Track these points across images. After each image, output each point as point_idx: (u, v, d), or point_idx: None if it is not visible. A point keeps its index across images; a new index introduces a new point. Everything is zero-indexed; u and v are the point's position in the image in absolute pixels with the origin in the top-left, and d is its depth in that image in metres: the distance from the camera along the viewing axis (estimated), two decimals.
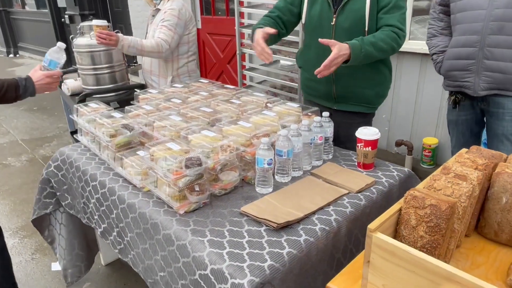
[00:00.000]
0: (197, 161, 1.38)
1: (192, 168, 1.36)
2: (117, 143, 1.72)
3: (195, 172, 1.38)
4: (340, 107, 2.04)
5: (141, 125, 1.80)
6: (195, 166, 1.37)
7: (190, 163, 1.37)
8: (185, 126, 1.69)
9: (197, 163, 1.38)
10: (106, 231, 1.69)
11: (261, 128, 1.64)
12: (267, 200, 1.44)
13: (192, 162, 1.37)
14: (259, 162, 1.47)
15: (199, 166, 1.38)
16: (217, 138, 1.55)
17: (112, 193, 1.60)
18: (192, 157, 1.39)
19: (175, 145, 1.47)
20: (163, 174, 1.39)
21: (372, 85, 1.95)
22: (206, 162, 1.40)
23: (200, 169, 1.38)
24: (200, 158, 1.40)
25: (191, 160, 1.38)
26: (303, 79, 2.18)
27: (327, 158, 1.78)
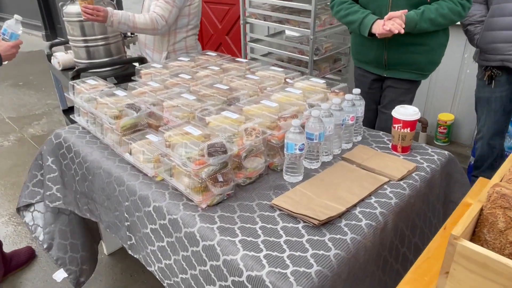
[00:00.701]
0: (221, 148, 1.20)
1: (217, 157, 1.18)
2: (123, 126, 1.52)
3: (220, 161, 1.19)
4: (390, 74, 1.98)
5: (148, 104, 1.59)
6: (219, 154, 1.19)
7: (213, 151, 1.18)
8: (199, 106, 1.49)
9: (221, 150, 1.19)
10: (113, 225, 1.51)
11: (287, 108, 1.45)
12: (300, 191, 1.27)
13: (215, 150, 1.19)
14: (289, 148, 1.29)
15: (224, 154, 1.19)
16: (240, 120, 1.36)
17: (120, 183, 1.41)
18: (216, 144, 1.20)
19: (194, 129, 1.27)
20: (182, 163, 1.20)
21: (425, 51, 1.85)
22: (231, 149, 1.22)
23: (225, 157, 1.20)
24: (224, 145, 1.21)
25: (214, 147, 1.19)
26: (354, 44, 2.14)
27: (356, 141, 1.61)
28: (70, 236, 1.93)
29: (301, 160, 1.33)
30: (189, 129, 1.27)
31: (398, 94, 2.01)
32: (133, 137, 1.49)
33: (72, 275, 1.95)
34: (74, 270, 1.95)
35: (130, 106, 1.55)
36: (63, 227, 1.90)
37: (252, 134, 1.30)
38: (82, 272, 1.99)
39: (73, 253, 1.94)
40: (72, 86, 1.78)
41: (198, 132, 1.26)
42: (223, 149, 1.20)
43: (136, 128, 1.55)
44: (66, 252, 1.92)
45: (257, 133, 1.31)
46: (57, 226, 1.88)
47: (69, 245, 1.93)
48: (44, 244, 1.88)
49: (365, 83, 2.13)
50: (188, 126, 1.29)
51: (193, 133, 1.25)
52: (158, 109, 1.55)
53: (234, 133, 1.29)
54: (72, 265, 1.95)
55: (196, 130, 1.27)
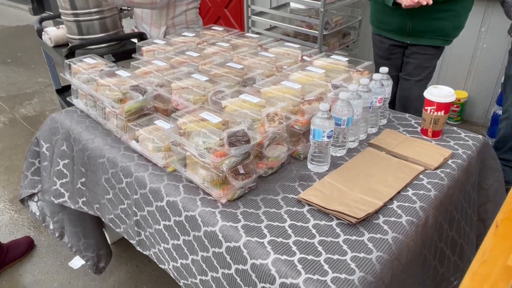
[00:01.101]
0: (243, 136, 1.07)
1: (239, 147, 1.05)
2: (127, 110, 1.37)
3: (242, 152, 1.06)
4: (414, 41, 1.93)
5: (154, 86, 1.44)
6: (241, 144, 1.06)
7: (235, 140, 1.05)
8: (212, 87, 1.35)
9: (243, 139, 1.06)
10: (118, 219, 1.39)
11: (310, 90, 1.31)
12: (329, 182, 1.15)
13: (237, 139, 1.05)
14: (316, 135, 1.17)
15: (247, 144, 1.06)
16: (261, 104, 1.22)
17: (127, 174, 1.28)
18: (237, 132, 1.07)
19: (211, 115, 1.13)
20: (199, 154, 1.07)
21: (451, 16, 1.82)
22: (254, 138, 1.09)
23: (247, 148, 1.07)
24: (246, 133, 1.08)
25: (235, 136, 1.06)
26: (374, 12, 2.06)
27: (382, 124, 1.48)
28: (80, 223, 1.80)
29: (328, 148, 1.21)
30: (206, 115, 1.13)
31: (423, 60, 1.95)
32: (140, 123, 1.35)
33: (90, 261, 1.83)
34: (91, 256, 1.83)
35: (134, 88, 1.39)
36: (71, 215, 1.77)
37: (275, 120, 1.17)
38: (100, 258, 1.87)
39: (87, 239, 1.81)
40: (68, 65, 1.62)
41: (216, 119, 1.12)
42: (245, 138, 1.07)
43: (142, 113, 1.41)
44: (79, 239, 1.79)
45: (280, 118, 1.18)
46: (65, 214, 1.75)
47: (81, 231, 1.80)
48: (55, 233, 1.76)
49: (385, 49, 2.04)
50: (205, 112, 1.14)
51: (210, 120, 1.11)
52: (166, 91, 1.40)
53: (255, 119, 1.15)
54: (88, 252, 1.82)
55: (213, 116, 1.13)
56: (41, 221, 1.74)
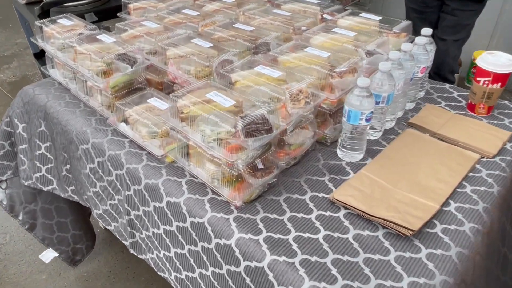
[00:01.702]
0: (263, 124, 0.83)
1: (259, 137, 0.81)
2: (113, 85, 1.12)
3: (263, 144, 0.83)
4: None
5: (146, 54, 1.18)
6: (261, 134, 0.82)
7: (254, 129, 0.81)
8: (218, 56, 1.09)
9: (264, 127, 0.82)
10: (107, 215, 1.18)
11: (339, 59, 1.06)
12: (368, 177, 0.93)
13: (256, 128, 0.82)
14: (351, 117, 0.93)
15: (268, 133, 0.83)
16: (281, 78, 0.97)
17: (116, 165, 1.05)
18: (255, 118, 0.83)
19: (220, 95, 0.89)
20: (207, 147, 0.84)
21: None
22: (276, 124, 0.85)
23: (269, 138, 0.83)
24: (267, 119, 0.84)
25: (254, 124, 0.82)
26: None
27: (419, 97, 1.25)
28: (56, 215, 1.60)
29: (365, 133, 0.98)
30: (214, 96, 0.89)
31: (463, 17, 1.68)
32: (129, 101, 1.09)
33: (64, 254, 1.67)
34: (65, 250, 1.66)
35: (121, 57, 1.13)
36: (46, 205, 1.56)
37: (300, 99, 0.93)
38: (77, 251, 1.70)
39: (62, 233, 1.63)
40: (39, 28, 1.34)
41: (228, 101, 0.87)
42: (266, 126, 0.83)
43: (131, 88, 1.16)
44: (52, 232, 1.61)
45: (306, 97, 0.93)
46: (38, 205, 1.55)
47: (56, 224, 1.61)
48: (25, 225, 1.55)
49: (418, 2, 1.76)
50: (212, 92, 0.89)
51: (220, 102, 0.87)
52: (160, 60, 1.14)
53: (275, 97, 0.91)
54: (62, 245, 1.65)
55: (223, 97, 0.88)
56: (9, 211, 1.53)
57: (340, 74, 0.99)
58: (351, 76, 1.00)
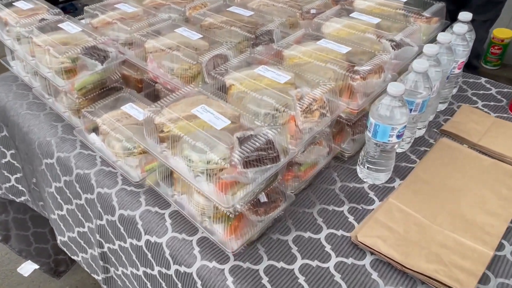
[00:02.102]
0: (267, 150, 0.63)
1: (262, 168, 0.62)
2: (80, 87, 0.91)
3: (267, 176, 0.63)
4: None
5: (121, 45, 0.97)
6: (266, 163, 0.62)
7: (255, 157, 0.61)
8: (208, 51, 0.87)
9: (269, 156, 0.62)
10: (74, 244, 0.99)
11: (358, 53, 0.85)
12: (398, 208, 0.74)
13: (259, 156, 0.61)
14: (379, 133, 0.73)
15: (275, 162, 0.63)
16: (289, 82, 0.76)
17: (86, 187, 0.86)
18: (256, 141, 0.63)
19: (210, 112, 0.68)
20: (195, 180, 0.64)
21: None
22: (285, 149, 0.65)
23: (277, 168, 0.64)
24: (272, 142, 0.64)
25: (256, 150, 0.62)
26: None
27: (451, 94, 1.04)
28: (32, 225, 1.42)
29: (394, 150, 0.78)
30: (202, 112, 0.68)
31: None
32: (100, 107, 0.89)
33: (45, 266, 1.50)
34: (45, 262, 1.49)
35: (89, 51, 0.91)
36: (19, 215, 1.38)
37: (314, 110, 0.72)
38: (60, 262, 1.53)
39: (41, 244, 1.46)
40: None
41: (221, 121, 0.66)
42: (271, 153, 0.63)
43: (104, 88, 0.95)
44: (29, 243, 1.43)
45: (321, 106, 0.73)
46: (10, 215, 1.36)
47: (33, 235, 1.43)
48: None
49: None
50: (199, 106, 0.69)
51: (211, 121, 0.66)
52: (138, 54, 0.93)
53: (281, 109, 0.70)
54: (41, 257, 1.48)
55: (214, 114, 0.67)
56: None
57: (363, 75, 0.78)
58: (377, 78, 0.79)
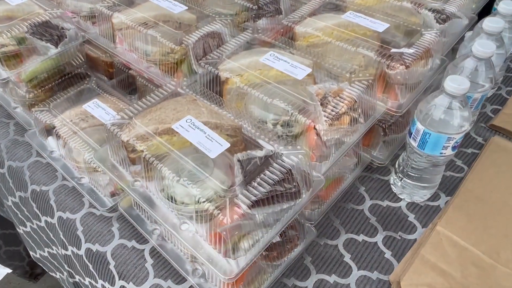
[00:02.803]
0: (283, 180, 0.44)
1: (275, 209, 0.43)
2: (30, 78, 0.70)
3: (285, 223, 0.45)
4: None
5: (83, 19, 0.75)
6: (281, 201, 0.43)
7: (266, 194, 0.42)
8: (195, 29, 0.66)
9: (288, 190, 0.43)
10: (48, 262, 0.82)
11: (393, 29, 0.64)
12: (452, 241, 0.56)
13: (272, 192, 0.43)
14: (430, 144, 0.54)
15: (294, 199, 0.44)
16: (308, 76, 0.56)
17: (45, 208, 0.67)
18: (268, 163, 0.43)
19: (200, 128, 0.48)
20: (179, 229, 0.45)
21: None
22: (305, 174, 0.46)
23: (298, 208, 0.45)
24: (290, 170, 0.45)
25: (267, 183, 0.43)
26: None
27: (497, 80, 0.84)
28: (0, 227, 1.24)
29: (444, 164, 0.60)
30: (186, 125, 0.48)
31: None
32: (57, 105, 0.68)
33: (19, 270, 1.35)
34: (19, 265, 1.34)
35: (39, 29, 0.69)
36: None
37: (342, 114, 0.53)
38: (35, 264, 1.37)
39: (11, 247, 1.29)
40: None
41: (216, 142, 0.46)
42: (290, 187, 0.44)
43: (61, 77, 0.74)
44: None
45: (350, 108, 0.53)
46: None
47: (1, 237, 1.26)
48: None
49: None
50: (185, 119, 0.49)
51: (197, 138, 0.46)
52: (104, 31, 0.71)
53: (299, 109, 0.51)
54: (14, 260, 1.32)
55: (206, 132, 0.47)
56: None
57: (407, 63, 0.57)
58: (423, 65, 0.60)
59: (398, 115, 0.57)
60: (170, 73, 0.64)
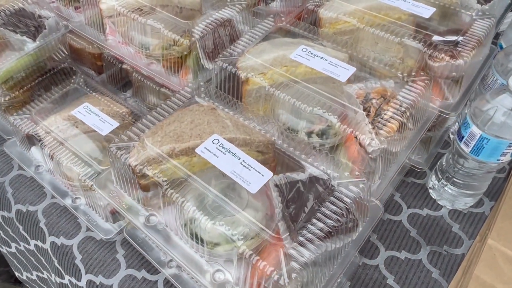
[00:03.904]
0: (339, 213, 0.36)
1: (326, 247, 0.35)
2: (5, 79, 0.59)
3: (338, 255, 0.37)
4: None
5: (63, 4, 0.63)
6: (333, 236, 0.36)
7: (317, 229, 0.35)
8: (202, 13, 0.56)
9: (343, 226, 0.36)
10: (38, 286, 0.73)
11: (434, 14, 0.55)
12: (505, 255, 0.50)
13: (324, 226, 0.35)
14: (488, 151, 0.47)
15: (351, 232, 0.37)
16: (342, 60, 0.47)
17: (34, 233, 0.58)
18: (308, 184, 0.35)
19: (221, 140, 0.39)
20: (207, 262, 0.37)
21: None
22: (361, 202, 0.38)
23: (355, 246, 0.37)
24: (347, 201, 0.36)
25: (319, 219, 0.35)
26: None
27: None
28: None
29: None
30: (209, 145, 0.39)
31: None
32: (41, 108, 0.58)
33: (4, 275, 1.25)
34: (4, 271, 1.24)
35: (13, 19, 0.58)
36: None
37: (389, 119, 0.44)
38: None
39: None
40: None
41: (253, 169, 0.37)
42: (345, 220, 0.36)
43: (42, 74, 0.63)
44: None
45: (397, 111, 0.45)
46: None
47: None
48: None
49: None
50: (212, 138, 0.39)
51: (225, 160, 0.38)
52: (90, 19, 0.60)
53: (336, 114, 0.43)
54: None
55: (232, 151, 0.38)
56: None
57: (457, 53, 0.49)
58: (473, 57, 0.51)
59: (452, 117, 0.49)
60: (174, 69, 0.54)
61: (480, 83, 0.56)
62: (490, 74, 0.54)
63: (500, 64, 0.53)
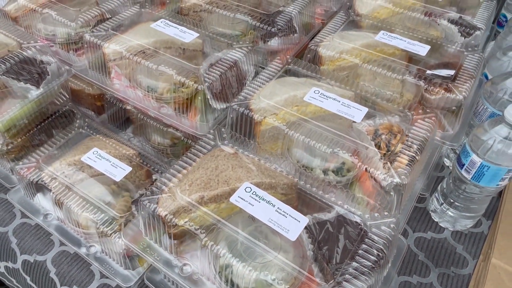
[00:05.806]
0: (372, 251, 0.38)
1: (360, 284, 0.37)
2: (7, 127, 0.58)
3: None
4: None
5: (60, 47, 0.63)
6: (366, 273, 0.37)
7: (350, 267, 0.36)
8: (206, 54, 0.58)
9: (376, 264, 0.37)
10: None
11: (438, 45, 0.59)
12: (510, 274, 0.53)
13: (358, 265, 0.36)
14: (488, 177, 0.50)
15: (380, 269, 0.38)
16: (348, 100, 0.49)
17: (44, 283, 0.56)
18: (337, 225, 0.37)
19: (250, 185, 0.40)
20: None
21: None
22: (387, 237, 0.40)
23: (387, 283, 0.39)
24: (379, 241, 0.38)
25: (349, 257, 0.36)
26: None
27: None
28: None
29: None
30: (242, 196, 0.40)
31: None
32: (45, 157, 0.57)
33: None
34: None
35: (15, 67, 0.57)
36: None
37: (397, 153, 0.47)
38: None
39: None
40: None
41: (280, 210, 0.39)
42: (377, 256, 0.38)
43: (43, 120, 0.62)
44: None
45: (404, 144, 0.48)
46: None
47: None
48: None
49: None
50: (244, 186, 0.40)
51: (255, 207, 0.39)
52: (94, 62, 0.60)
53: (351, 152, 0.45)
54: None
55: (260, 195, 0.40)
56: None
57: (455, 86, 0.53)
58: (467, 90, 0.55)
59: (454, 148, 0.52)
60: (182, 111, 0.55)
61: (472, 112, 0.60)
62: (480, 103, 0.58)
63: (488, 93, 0.57)
